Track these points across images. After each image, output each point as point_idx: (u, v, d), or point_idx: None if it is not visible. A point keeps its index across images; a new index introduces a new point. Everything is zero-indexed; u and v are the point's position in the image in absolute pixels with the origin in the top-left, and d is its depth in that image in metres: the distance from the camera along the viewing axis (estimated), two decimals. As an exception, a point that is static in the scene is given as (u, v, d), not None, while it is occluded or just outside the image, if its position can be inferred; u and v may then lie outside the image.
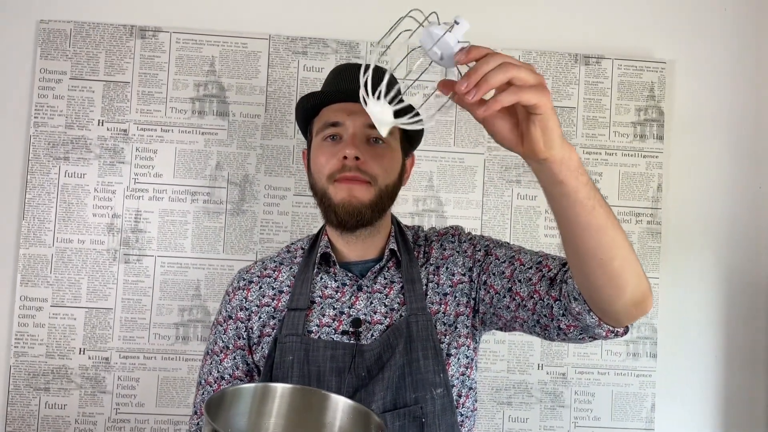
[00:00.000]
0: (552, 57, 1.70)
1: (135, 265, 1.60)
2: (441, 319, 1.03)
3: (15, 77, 1.62)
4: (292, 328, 1.01)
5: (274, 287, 1.08)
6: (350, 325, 1.01)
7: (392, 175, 1.03)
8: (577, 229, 0.76)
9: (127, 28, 1.63)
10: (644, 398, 1.66)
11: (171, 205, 1.62)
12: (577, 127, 1.69)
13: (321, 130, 1.04)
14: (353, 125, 1.01)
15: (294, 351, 0.99)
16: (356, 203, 0.99)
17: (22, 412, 1.56)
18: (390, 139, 1.02)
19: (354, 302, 1.03)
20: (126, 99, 1.63)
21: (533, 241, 1.67)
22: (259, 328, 1.05)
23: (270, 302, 1.06)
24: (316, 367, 0.98)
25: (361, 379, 0.97)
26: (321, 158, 1.02)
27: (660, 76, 1.71)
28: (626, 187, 1.69)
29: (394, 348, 0.98)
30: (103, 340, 1.58)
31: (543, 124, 0.67)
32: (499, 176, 1.68)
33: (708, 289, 1.71)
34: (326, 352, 0.98)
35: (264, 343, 1.04)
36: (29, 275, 1.58)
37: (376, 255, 1.07)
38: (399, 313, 1.02)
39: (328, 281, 1.05)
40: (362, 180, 0.99)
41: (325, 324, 1.01)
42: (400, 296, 1.03)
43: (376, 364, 0.98)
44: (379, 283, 1.05)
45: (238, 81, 1.65)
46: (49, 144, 1.60)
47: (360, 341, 0.99)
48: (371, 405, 0.94)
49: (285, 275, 1.08)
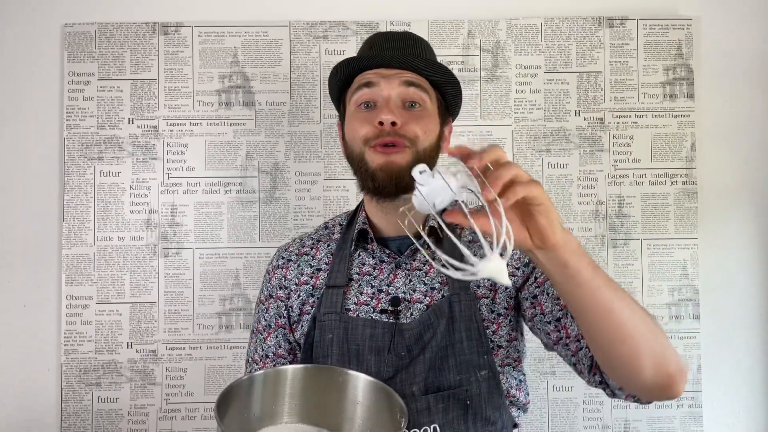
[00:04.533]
0: (575, 22, 1.67)
1: (174, 259, 1.63)
2: (489, 306, 1.00)
3: (45, 82, 1.65)
4: (330, 306, 1.00)
5: (312, 265, 1.07)
6: (389, 303, 0.99)
7: (430, 137, 0.99)
8: (584, 310, 0.76)
9: (150, 26, 1.65)
10: (689, 360, 1.65)
11: (205, 197, 1.64)
12: (605, 91, 1.67)
13: (355, 93, 1.00)
14: (388, 87, 0.97)
15: (333, 329, 0.98)
16: (395, 167, 0.95)
17: (77, 408, 1.60)
18: (427, 103, 0.99)
19: (392, 280, 1.01)
20: (153, 96, 1.65)
21: (567, 209, 1.65)
22: (298, 307, 1.05)
23: (308, 280, 1.06)
24: (355, 345, 0.97)
25: (401, 358, 0.95)
26: (356, 124, 0.99)
27: (687, 34, 1.68)
28: (659, 148, 1.67)
29: (435, 328, 0.96)
30: (149, 334, 1.62)
31: (546, 213, 0.70)
32: (528, 146, 1.67)
33: (748, 246, 1.68)
34: (365, 331, 0.97)
35: (304, 321, 1.04)
36: (73, 275, 1.62)
37: (414, 230, 1.04)
38: (441, 292, 0.99)
39: (366, 258, 1.04)
40: (400, 144, 0.96)
41: (363, 302, 1.00)
42: (442, 275, 1.01)
43: (417, 344, 0.96)
44: (418, 260, 1.03)
45: (261, 70, 1.66)
46: (83, 145, 1.63)
47: (399, 320, 0.98)
48: (412, 386, 0.93)
49: (323, 252, 1.08)
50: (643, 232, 1.66)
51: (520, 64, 1.68)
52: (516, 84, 1.67)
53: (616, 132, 1.67)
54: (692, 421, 1.64)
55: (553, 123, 1.67)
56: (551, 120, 1.67)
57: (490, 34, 1.67)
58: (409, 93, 0.97)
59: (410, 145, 0.96)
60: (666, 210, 1.66)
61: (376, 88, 0.98)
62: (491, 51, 1.67)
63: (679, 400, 1.64)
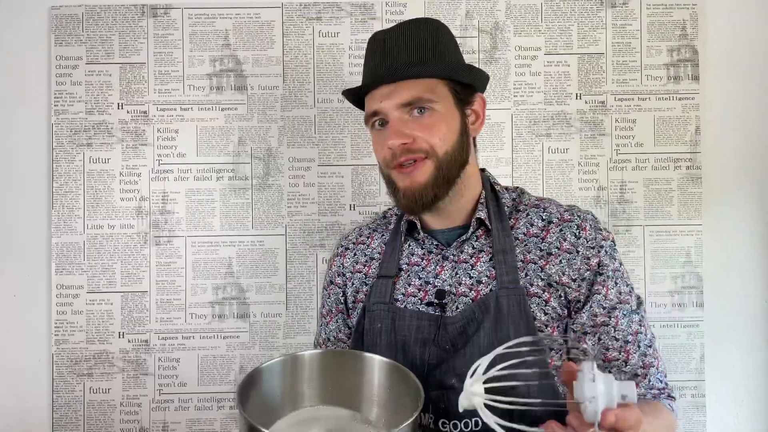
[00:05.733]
0: (576, 2, 1.62)
1: (166, 247, 1.59)
2: (542, 307, 0.95)
3: (32, 66, 1.61)
4: (380, 296, 1.02)
5: (366, 254, 1.10)
6: (435, 296, 0.99)
7: (450, 140, 0.97)
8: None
9: (138, 8, 1.61)
10: (693, 349, 1.61)
11: (197, 184, 1.60)
12: (607, 73, 1.62)
13: (368, 120, 1.02)
14: (390, 110, 0.97)
15: (382, 319, 0.99)
16: (416, 187, 0.96)
17: (68, 399, 1.58)
18: (436, 104, 0.97)
19: (439, 272, 1.01)
20: (143, 80, 1.61)
21: (567, 196, 1.61)
22: (353, 294, 1.08)
23: (362, 269, 1.09)
24: (402, 336, 0.97)
25: (445, 351, 0.95)
26: (376, 145, 1.02)
27: (692, 14, 1.62)
28: (662, 132, 1.62)
29: (480, 323, 0.93)
30: (141, 323, 1.59)
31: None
32: (528, 131, 1.62)
33: (753, 233, 1.64)
34: (411, 322, 0.97)
35: (358, 309, 1.06)
36: (63, 263, 1.58)
37: (462, 222, 1.03)
38: (488, 286, 0.96)
39: (415, 248, 1.05)
40: (418, 158, 0.96)
41: (411, 294, 1.01)
42: (490, 269, 0.97)
43: (461, 337, 0.95)
44: (465, 252, 1.00)
45: (253, 53, 1.61)
46: (71, 131, 1.60)
47: (445, 313, 0.97)
48: (452, 379, 0.92)
49: (377, 242, 1.10)
50: (645, 218, 1.62)
51: (520, 45, 1.63)
52: (515, 66, 1.63)
53: (618, 115, 1.62)
54: (695, 410, 1.60)
55: (553, 106, 1.62)
56: (551, 103, 1.62)
57: (489, 15, 1.63)
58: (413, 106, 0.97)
59: (428, 155, 0.96)
60: (669, 196, 1.62)
61: (383, 115, 0.99)
62: (490, 32, 1.63)
63: (681, 389, 1.61)
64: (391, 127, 0.97)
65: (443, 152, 0.96)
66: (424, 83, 0.97)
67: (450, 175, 0.97)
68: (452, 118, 0.98)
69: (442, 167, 0.96)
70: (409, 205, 0.98)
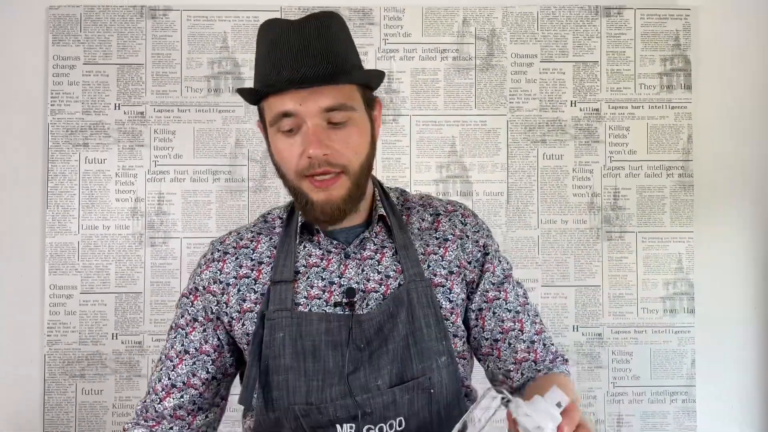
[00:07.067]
0: (572, 11, 1.65)
1: (161, 248, 1.59)
2: (447, 295, 0.98)
3: (29, 66, 1.60)
4: (279, 303, 0.94)
5: (253, 258, 1.01)
6: (344, 295, 0.95)
7: (364, 152, 0.94)
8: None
9: (137, 9, 1.61)
10: (684, 355, 1.63)
11: (193, 185, 1.60)
12: (601, 81, 1.65)
13: (274, 122, 0.92)
14: (309, 115, 0.89)
15: (284, 327, 0.93)
16: (334, 201, 0.91)
17: (60, 400, 1.57)
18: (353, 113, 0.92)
19: (343, 271, 0.97)
20: (141, 81, 1.61)
21: (562, 201, 1.63)
22: (238, 302, 0.98)
23: (249, 273, 0.99)
24: (310, 341, 0.92)
25: (360, 351, 0.92)
26: (284, 153, 0.92)
27: (684, 24, 1.65)
28: (655, 140, 1.65)
29: (396, 317, 0.94)
30: (134, 324, 1.58)
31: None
32: (523, 137, 1.64)
33: (744, 239, 1.67)
34: (320, 325, 0.93)
35: (246, 319, 0.97)
36: (57, 264, 1.58)
37: (361, 221, 1.00)
38: (396, 281, 0.97)
39: (312, 249, 0.99)
40: (334, 172, 0.90)
41: (315, 296, 0.96)
42: (395, 263, 0.98)
43: (377, 335, 0.93)
44: (368, 249, 0.99)
45: (251, 56, 1.61)
46: (68, 131, 1.59)
47: (355, 312, 0.94)
48: (377, 380, 0.91)
49: (264, 246, 1.01)
50: (638, 224, 1.64)
51: (516, 52, 1.65)
52: (511, 73, 1.64)
53: (612, 123, 1.64)
54: (685, 415, 1.62)
55: (548, 113, 1.64)
56: (546, 110, 1.64)
57: (486, 22, 1.64)
58: (333, 116, 0.90)
59: (344, 171, 0.91)
60: (662, 203, 1.64)
61: (296, 117, 0.90)
62: (486, 39, 1.64)
63: (672, 395, 1.62)
64: (312, 134, 0.88)
65: (358, 166, 0.92)
66: (343, 89, 0.91)
67: (362, 188, 0.95)
68: (365, 126, 0.95)
69: (358, 183, 0.92)
70: (322, 219, 0.93)
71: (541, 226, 1.63)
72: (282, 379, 0.91)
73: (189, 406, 0.97)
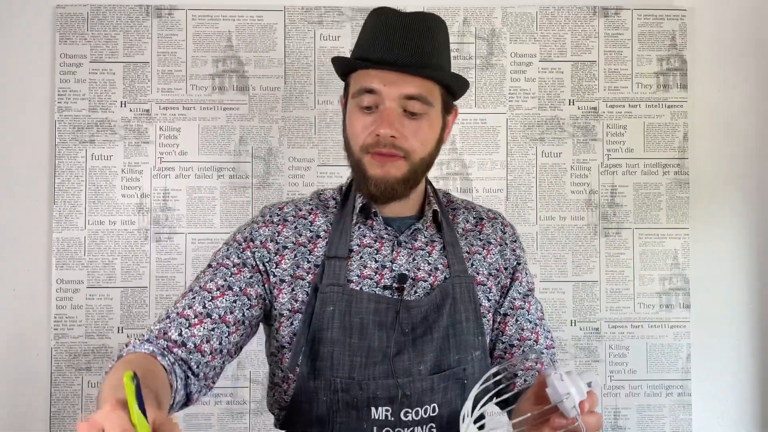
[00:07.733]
0: (570, 11, 1.68)
1: (166, 243, 1.62)
2: (486, 294, 1.05)
3: (36, 63, 1.63)
4: (333, 278, 0.97)
5: (311, 230, 1.03)
6: (395, 279, 0.99)
7: (428, 147, 0.99)
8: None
9: (143, 8, 1.64)
10: (679, 349, 1.66)
11: (198, 182, 1.63)
12: (599, 80, 1.68)
13: (356, 95, 0.98)
14: (389, 97, 0.95)
15: (335, 302, 0.96)
16: (390, 179, 0.96)
17: (66, 392, 1.59)
18: (429, 108, 0.97)
19: (395, 257, 1.01)
20: (146, 79, 1.63)
21: (560, 199, 1.66)
22: (292, 267, 1.00)
23: (306, 243, 1.01)
24: (358, 318, 0.96)
25: (405, 335, 0.96)
26: (356, 126, 0.98)
27: (681, 24, 1.68)
28: (651, 138, 1.68)
29: (441, 309, 0.98)
30: (140, 318, 1.61)
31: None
32: (523, 135, 1.67)
33: (739, 236, 1.70)
34: (369, 305, 0.97)
35: (297, 286, 0.99)
36: (64, 258, 1.60)
37: (412, 213, 1.05)
38: (443, 274, 1.02)
39: (366, 231, 1.03)
40: (397, 156, 0.96)
41: (367, 276, 1.00)
42: (443, 258, 1.03)
43: (422, 323, 0.97)
44: (419, 240, 1.03)
45: (255, 54, 1.65)
46: (74, 128, 1.62)
47: (403, 297, 0.98)
48: (420, 365, 0.95)
49: (321, 220, 1.04)
50: (635, 221, 1.67)
51: (515, 52, 1.68)
52: (511, 72, 1.67)
53: (610, 121, 1.68)
54: (681, 409, 1.65)
55: (547, 112, 1.67)
56: (545, 109, 1.67)
57: (486, 22, 1.67)
58: (411, 105, 0.96)
59: (406, 156, 0.96)
60: (658, 200, 1.67)
61: (377, 96, 0.96)
62: (486, 39, 1.67)
63: (668, 389, 1.65)
64: (388, 115, 0.95)
65: (420, 158, 0.98)
66: (427, 83, 0.97)
67: (418, 179, 1.01)
68: (437, 124, 1.00)
69: (416, 171, 0.98)
70: (375, 194, 0.98)
71: (540, 223, 1.66)
72: (327, 351, 0.94)
73: (215, 343, 0.90)
